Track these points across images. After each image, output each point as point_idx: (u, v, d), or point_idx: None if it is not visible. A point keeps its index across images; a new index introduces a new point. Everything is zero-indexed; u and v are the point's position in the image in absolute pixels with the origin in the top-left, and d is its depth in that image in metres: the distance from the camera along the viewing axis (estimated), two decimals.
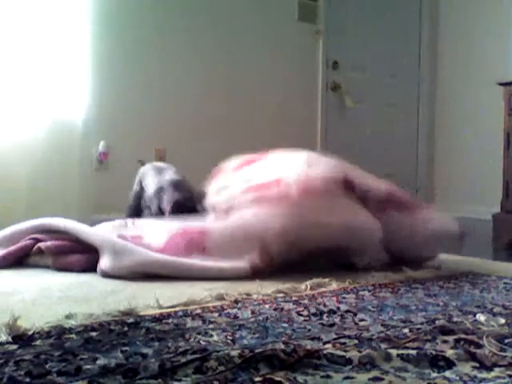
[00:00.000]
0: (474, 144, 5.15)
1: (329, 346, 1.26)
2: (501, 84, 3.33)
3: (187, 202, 2.76)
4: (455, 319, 1.51)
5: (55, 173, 3.49)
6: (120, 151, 3.86)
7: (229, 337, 1.33)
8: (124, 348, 1.23)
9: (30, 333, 1.32)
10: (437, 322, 1.48)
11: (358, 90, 5.07)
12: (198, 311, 1.57)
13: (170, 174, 2.96)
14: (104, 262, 2.09)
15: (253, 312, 1.57)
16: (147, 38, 4.06)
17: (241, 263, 2.11)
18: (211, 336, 1.33)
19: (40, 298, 1.73)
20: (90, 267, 2.15)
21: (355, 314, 1.56)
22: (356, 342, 1.30)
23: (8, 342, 1.26)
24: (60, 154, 3.58)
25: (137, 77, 4.01)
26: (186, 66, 4.22)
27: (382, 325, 1.45)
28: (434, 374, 1.11)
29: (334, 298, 1.75)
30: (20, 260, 2.29)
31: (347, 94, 4.96)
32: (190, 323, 1.44)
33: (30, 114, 3.58)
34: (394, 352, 1.20)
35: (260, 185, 2.39)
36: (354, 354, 1.18)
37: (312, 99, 4.85)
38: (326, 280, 1.99)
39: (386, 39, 5.28)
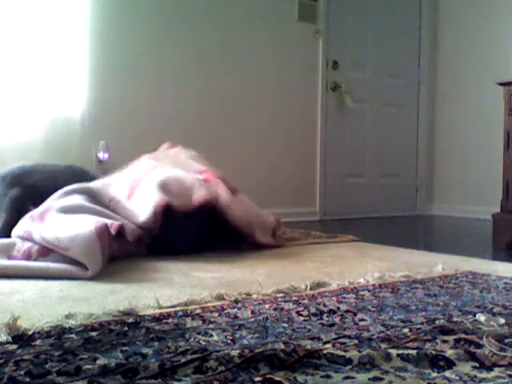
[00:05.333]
0: (474, 144, 5.15)
1: (329, 345, 1.26)
2: (501, 84, 3.33)
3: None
4: (455, 319, 1.51)
5: None
6: (120, 151, 3.87)
7: (229, 337, 1.33)
8: (124, 348, 1.23)
9: (30, 333, 1.32)
10: (437, 321, 1.48)
11: (358, 90, 5.08)
12: (198, 311, 1.57)
13: None
14: None
15: (253, 312, 1.57)
16: (146, 37, 4.06)
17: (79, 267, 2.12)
18: (211, 336, 1.33)
19: (40, 298, 1.73)
20: None
21: (355, 314, 1.56)
22: (356, 342, 1.30)
23: (8, 342, 1.26)
24: (59, 154, 3.58)
25: (136, 76, 4.01)
26: (186, 65, 4.22)
27: (382, 325, 1.45)
28: (434, 374, 1.11)
29: (334, 298, 1.75)
30: None
31: (347, 94, 4.96)
32: (189, 323, 1.44)
33: (28, 114, 3.59)
34: (393, 352, 1.20)
35: None
36: (353, 354, 1.18)
37: (312, 99, 4.85)
38: (326, 280, 1.99)
39: (385, 39, 5.29)
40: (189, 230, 2.67)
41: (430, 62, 5.53)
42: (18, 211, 2.67)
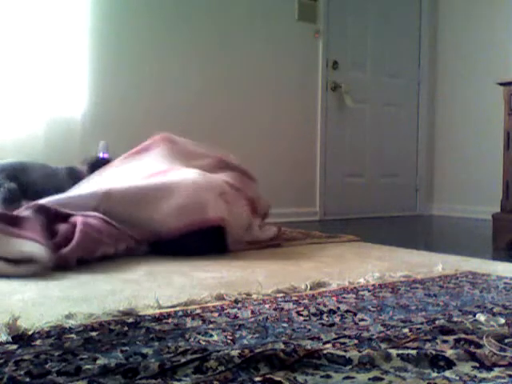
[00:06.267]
0: (474, 144, 5.16)
1: (329, 345, 1.26)
2: (501, 84, 3.33)
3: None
4: (455, 319, 1.51)
5: None
6: (119, 151, 3.86)
7: (229, 337, 1.33)
8: (124, 348, 1.23)
9: (30, 333, 1.32)
10: (437, 321, 1.48)
11: (358, 90, 5.08)
12: (198, 311, 1.57)
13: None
14: None
15: (253, 312, 1.57)
16: (147, 37, 4.06)
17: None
18: (211, 336, 1.33)
19: (40, 298, 1.73)
20: None
21: (355, 314, 1.56)
22: (356, 342, 1.30)
23: (8, 342, 1.25)
24: (59, 153, 3.58)
25: (137, 77, 4.01)
26: (186, 66, 4.22)
27: (382, 325, 1.45)
28: (434, 374, 1.11)
29: (334, 298, 1.75)
30: None
31: (347, 93, 4.96)
32: (189, 323, 1.44)
33: (29, 113, 3.59)
34: (393, 352, 1.20)
35: None
36: (353, 354, 1.18)
37: (312, 99, 4.85)
38: (326, 280, 1.99)
39: (385, 39, 5.29)
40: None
41: (430, 62, 5.53)
42: (12, 202, 2.70)
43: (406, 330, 1.39)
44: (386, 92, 5.33)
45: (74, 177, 3.03)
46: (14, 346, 1.23)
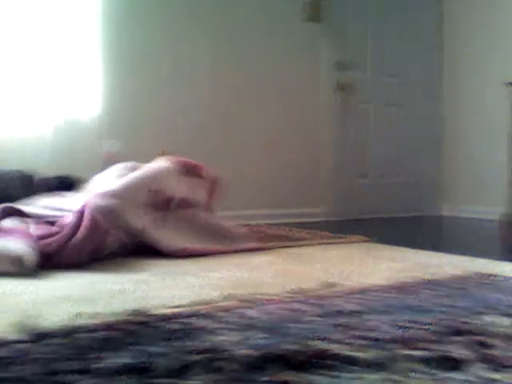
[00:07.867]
0: (480, 144, 5.13)
1: (338, 346, 1.26)
2: (507, 84, 3.32)
3: None
4: (463, 320, 1.51)
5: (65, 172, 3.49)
6: (129, 152, 3.87)
7: (238, 337, 1.33)
8: (133, 347, 1.23)
9: (39, 332, 1.32)
10: (446, 322, 1.48)
11: (358, 90, 5.06)
12: (208, 311, 1.57)
13: None
14: None
15: (262, 312, 1.57)
16: (156, 40, 4.09)
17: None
18: (220, 336, 1.33)
19: (48, 298, 1.73)
20: None
21: (364, 315, 1.55)
22: (365, 342, 1.30)
23: (17, 341, 1.26)
24: (69, 154, 3.60)
25: (146, 79, 4.04)
26: (193, 67, 4.24)
27: (391, 326, 1.45)
28: (443, 375, 1.11)
29: (343, 299, 1.75)
30: None
31: (349, 93, 4.95)
32: (199, 323, 1.45)
33: (40, 114, 3.62)
34: (403, 353, 1.19)
35: None
36: (363, 355, 1.17)
37: (315, 99, 4.84)
38: (335, 280, 1.99)
39: (386, 39, 5.26)
40: None
41: (435, 62, 5.50)
42: None
43: (415, 331, 1.39)
44: (388, 92, 5.30)
45: (27, 183, 2.98)
46: (23, 345, 1.24)
